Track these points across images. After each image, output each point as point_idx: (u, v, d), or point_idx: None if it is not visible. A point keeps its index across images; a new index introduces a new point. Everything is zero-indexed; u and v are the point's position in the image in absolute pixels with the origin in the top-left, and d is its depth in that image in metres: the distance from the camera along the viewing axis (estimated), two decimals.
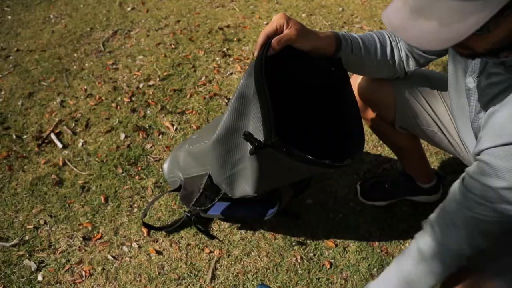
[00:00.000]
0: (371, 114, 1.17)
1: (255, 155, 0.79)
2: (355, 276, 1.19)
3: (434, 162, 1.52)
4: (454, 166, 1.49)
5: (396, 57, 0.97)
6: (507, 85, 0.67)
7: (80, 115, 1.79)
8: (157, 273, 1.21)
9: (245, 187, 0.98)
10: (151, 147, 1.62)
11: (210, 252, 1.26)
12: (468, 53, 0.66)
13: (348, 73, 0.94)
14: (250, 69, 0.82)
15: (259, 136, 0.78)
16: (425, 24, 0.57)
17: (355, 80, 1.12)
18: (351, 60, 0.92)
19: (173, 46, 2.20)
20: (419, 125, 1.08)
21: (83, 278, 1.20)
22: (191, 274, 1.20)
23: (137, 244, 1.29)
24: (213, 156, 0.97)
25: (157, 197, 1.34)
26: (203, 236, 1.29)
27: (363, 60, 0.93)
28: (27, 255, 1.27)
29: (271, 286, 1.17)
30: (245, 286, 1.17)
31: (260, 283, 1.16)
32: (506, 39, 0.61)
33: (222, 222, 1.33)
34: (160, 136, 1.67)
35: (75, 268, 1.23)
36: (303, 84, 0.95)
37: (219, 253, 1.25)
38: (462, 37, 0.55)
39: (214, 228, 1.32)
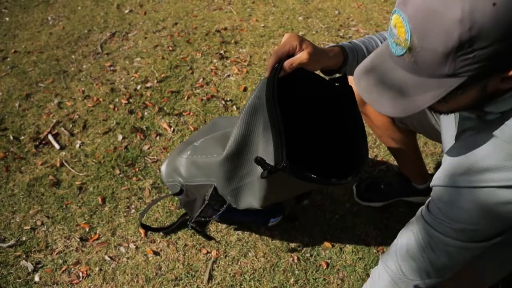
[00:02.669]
0: (370, 109, 1.18)
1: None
2: (351, 276, 1.20)
3: (429, 163, 1.53)
4: None
5: None
6: (475, 131, 0.68)
7: (77, 116, 1.79)
8: (154, 273, 1.21)
9: (251, 200, 0.99)
10: (148, 148, 1.63)
11: (207, 252, 1.26)
12: (434, 110, 0.68)
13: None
14: (260, 90, 0.81)
15: (269, 157, 0.79)
16: (386, 92, 0.61)
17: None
18: (354, 66, 0.93)
19: (170, 48, 2.21)
20: (418, 119, 1.09)
21: (80, 279, 1.20)
22: (188, 275, 1.21)
23: (134, 245, 1.29)
24: (219, 170, 0.98)
25: (156, 200, 1.34)
26: (200, 237, 1.29)
27: None
28: (24, 256, 1.27)
29: (267, 286, 1.17)
30: (242, 286, 1.18)
31: None
32: (466, 106, 0.63)
33: (219, 223, 1.34)
34: (158, 138, 1.67)
35: (72, 269, 1.23)
36: (308, 98, 0.96)
37: (216, 254, 1.26)
38: (419, 109, 0.59)
39: (211, 229, 1.33)
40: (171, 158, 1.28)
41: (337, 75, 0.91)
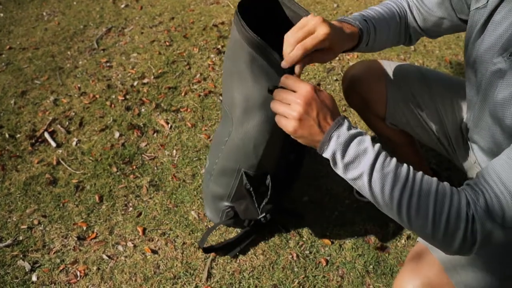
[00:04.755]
0: (364, 108, 1.17)
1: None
2: (351, 273, 1.19)
3: (430, 158, 1.52)
4: (450, 162, 1.49)
5: (403, 35, 0.97)
6: None
7: (74, 113, 1.77)
8: (152, 272, 1.20)
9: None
10: (146, 145, 1.61)
11: None
12: None
13: (344, 66, 0.93)
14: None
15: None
16: None
17: (348, 74, 1.12)
18: (362, 48, 0.91)
19: (167, 43, 2.18)
20: (409, 123, 1.08)
21: (78, 278, 1.20)
22: (186, 273, 1.20)
23: (132, 243, 1.28)
24: (252, 134, 0.96)
25: (216, 225, 1.21)
26: (198, 234, 1.28)
27: (373, 47, 0.93)
28: (21, 256, 1.26)
29: (267, 283, 1.16)
30: (241, 284, 1.17)
31: None
32: None
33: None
34: (155, 134, 1.66)
35: (70, 268, 1.22)
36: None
37: (215, 252, 1.25)
38: None
39: (209, 226, 1.31)
40: (205, 200, 1.23)
41: None
